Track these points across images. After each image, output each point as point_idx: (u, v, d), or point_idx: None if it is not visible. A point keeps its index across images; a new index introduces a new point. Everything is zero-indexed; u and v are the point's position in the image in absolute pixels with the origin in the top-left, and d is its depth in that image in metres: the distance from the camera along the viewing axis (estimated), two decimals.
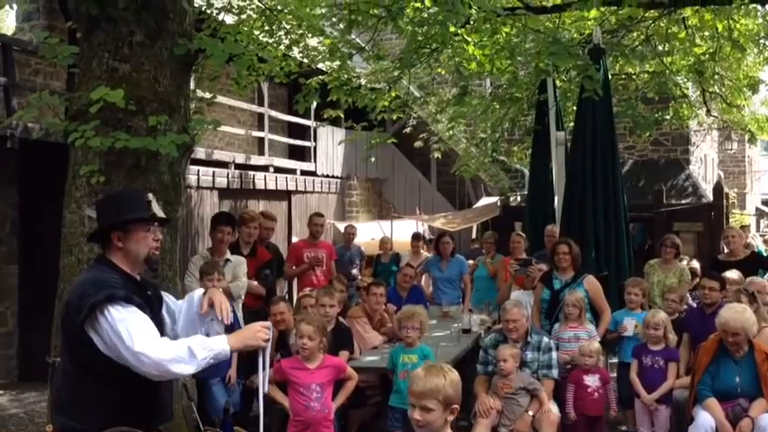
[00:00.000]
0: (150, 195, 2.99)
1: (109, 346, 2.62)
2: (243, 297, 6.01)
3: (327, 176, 15.19)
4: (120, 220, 2.86)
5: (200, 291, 3.15)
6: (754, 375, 4.82)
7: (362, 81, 9.55)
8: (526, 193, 10.76)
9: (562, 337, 5.77)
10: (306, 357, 4.57)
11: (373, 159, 11.45)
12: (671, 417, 5.25)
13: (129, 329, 2.60)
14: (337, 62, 9.07)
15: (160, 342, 2.65)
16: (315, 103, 10.06)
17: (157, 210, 2.98)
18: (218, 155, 11.62)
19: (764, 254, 9.84)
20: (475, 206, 16.20)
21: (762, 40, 10.81)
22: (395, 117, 10.65)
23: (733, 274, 6.26)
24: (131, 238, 2.87)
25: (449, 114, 11.73)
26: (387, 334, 6.42)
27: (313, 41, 9.55)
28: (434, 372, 2.65)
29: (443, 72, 10.86)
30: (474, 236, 14.54)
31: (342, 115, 9.90)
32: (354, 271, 9.25)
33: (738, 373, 4.87)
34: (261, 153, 13.27)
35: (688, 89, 12.25)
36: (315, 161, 14.77)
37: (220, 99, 12.04)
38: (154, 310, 2.89)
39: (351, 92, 8.97)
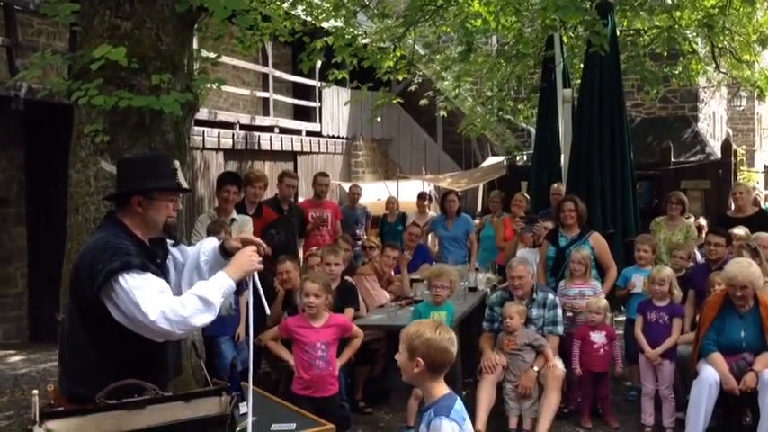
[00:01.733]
0: (176, 163, 2.91)
1: (126, 314, 2.57)
2: None
3: (333, 137, 15.14)
4: (146, 187, 2.78)
5: (210, 240, 3.13)
6: (759, 329, 4.84)
7: (367, 40, 9.43)
8: (532, 151, 10.69)
9: (567, 294, 5.79)
10: (311, 315, 4.58)
11: (379, 119, 11.38)
12: (675, 372, 5.28)
13: (146, 297, 2.55)
14: (341, 19, 8.98)
15: (177, 302, 2.61)
16: (320, 63, 9.97)
17: (182, 179, 2.91)
18: (223, 116, 11.58)
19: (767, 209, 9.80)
20: (481, 166, 16.14)
21: None
22: (400, 77, 10.55)
23: (740, 230, 6.24)
24: (154, 206, 2.80)
25: (454, 72, 11.62)
26: (394, 292, 6.46)
27: None
28: (424, 324, 2.66)
29: (448, 30, 10.72)
30: (480, 196, 14.52)
31: (347, 76, 9.81)
32: (359, 231, 9.26)
33: (743, 328, 4.89)
34: (266, 114, 13.22)
35: (697, 44, 12.08)
36: (320, 122, 14.71)
37: (224, 59, 11.93)
38: (165, 274, 2.86)
39: (356, 51, 8.88)
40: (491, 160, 15.97)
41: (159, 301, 2.56)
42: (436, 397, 2.58)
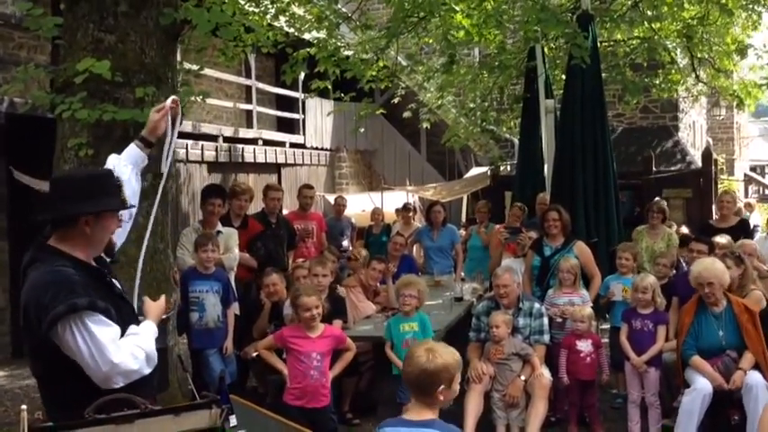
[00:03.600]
0: (120, 178, 2.84)
1: (75, 354, 2.48)
2: (235, 269, 6.02)
3: (317, 149, 15.15)
4: (98, 207, 2.65)
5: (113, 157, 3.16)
6: (736, 327, 4.90)
7: (350, 51, 9.47)
8: (516, 161, 10.77)
9: (557, 303, 5.82)
10: (309, 327, 4.60)
11: (362, 130, 11.41)
12: (660, 378, 5.31)
13: (93, 346, 2.46)
14: (324, 31, 9.01)
15: (123, 352, 2.50)
16: (303, 75, 10.00)
17: (126, 195, 2.81)
18: (207, 128, 11.56)
19: (746, 217, 9.95)
20: (465, 176, 16.21)
21: (750, 5, 10.80)
22: (383, 86, 10.59)
23: (722, 238, 6.32)
24: (101, 224, 2.67)
25: (437, 83, 11.68)
26: (380, 303, 6.46)
27: (300, 10, 9.46)
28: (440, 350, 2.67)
29: (431, 41, 10.79)
30: (465, 207, 14.57)
31: (330, 87, 9.83)
32: (345, 242, 9.26)
33: (721, 327, 4.95)
34: (249, 126, 13.21)
35: (677, 55, 12.23)
36: (304, 133, 14.72)
37: (207, 72, 11.92)
38: (114, 294, 2.72)
39: (339, 62, 8.91)
40: (475, 171, 16.04)
41: (110, 352, 2.47)
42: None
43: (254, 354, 5.19)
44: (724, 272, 4.97)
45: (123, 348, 2.54)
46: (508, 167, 14.73)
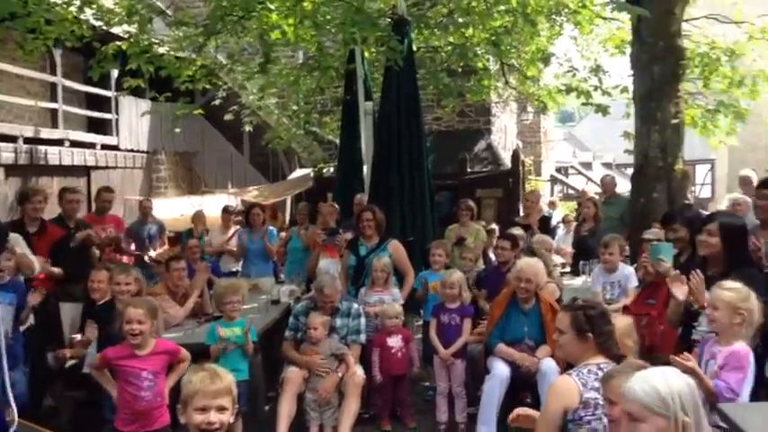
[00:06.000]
0: None
1: None
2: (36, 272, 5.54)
3: (132, 151, 14.41)
4: None
5: None
6: (540, 324, 5.23)
7: (165, 48, 9.06)
8: (337, 163, 10.85)
9: (368, 302, 5.90)
10: (136, 344, 4.16)
11: (178, 130, 10.99)
12: (467, 370, 5.55)
13: None
14: (136, 26, 8.56)
15: None
16: (116, 73, 9.45)
17: None
18: (4, 128, 10.62)
19: (549, 215, 10.73)
20: (289, 178, 16.13)
21: (552, 15, 11.61)
22: (201, 87, 10.25)
23: (517, 230, 6.76)
24: None
25: (258, 84, 11.50)
26: (192, 309, 6.19)
27: (108, 2, 8.93)
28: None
29: (252, 41, 10.60)
30: (289, 208, 14.48)
31: (143, 85, 9.36)
32: (154, 247, 8.83)
33: (527, 323, 5.26)
34: (54, 126, 12.28)
35: (488, 61, 12.89)
36: (117, 135, 13.94)
37: (6, 67, 10.98)
38: None
39: (152, 59, 8.50)
40: (298, 172, 16.00)
41: None
42: None
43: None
44: (542, 272, 5.29)
45: None
46: (331, 169, 14.82)
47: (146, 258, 8.29)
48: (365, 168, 8.58)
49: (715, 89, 10.68)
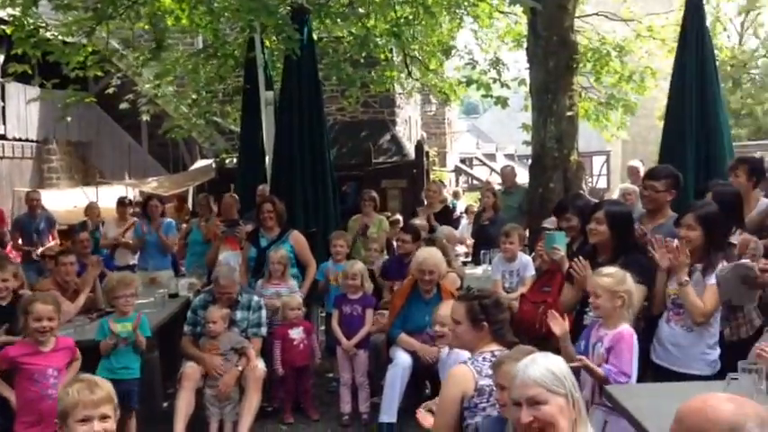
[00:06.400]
0: None
1: None
2: None
3: (20, 140, 13.67)
4: None
5: None
6: None
7: (53, 33, 8.60)
8: (239, 154, 10.64)
9: (265, 294, 5.83)
10: (40, 341, 4.03)
11: (70, 119, 10.49)
12: (370, 359, 5.57)
13: None
14: (19, 9, 8.09)
15: None
16: (1, 58, 8.91)
17: None
18: None
19: (453, 205, 10.94)
20: (190, 169, 15.74)
21: (452, 8, 11.78)
22: (93, 74, 9.80)
23: (418, 220, 6.84)
24: None
25: (153, 72, 11.12)
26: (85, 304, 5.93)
27: None
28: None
29: (145, 26, 10.22)
30: (190, 199, 14.12)
31: (30, 71, 8.86)
32: (42, 240, 8.43)
33: (428, 313, 5.29)
34: None
35: (391, 52, 12.95)
36: (4, 123, 13.19)
37: None
38: None
39: (38, 44, 8.06)
40: (200, 163, 15.64)
41: None
42: None
43: None
44: (443, 262, 5.35)
45: None
46: (234, 160, 14.54)
47: (33, 255, 7.90)
48: (267, 159, 8.45)
49: (606, 83, 11.16)
